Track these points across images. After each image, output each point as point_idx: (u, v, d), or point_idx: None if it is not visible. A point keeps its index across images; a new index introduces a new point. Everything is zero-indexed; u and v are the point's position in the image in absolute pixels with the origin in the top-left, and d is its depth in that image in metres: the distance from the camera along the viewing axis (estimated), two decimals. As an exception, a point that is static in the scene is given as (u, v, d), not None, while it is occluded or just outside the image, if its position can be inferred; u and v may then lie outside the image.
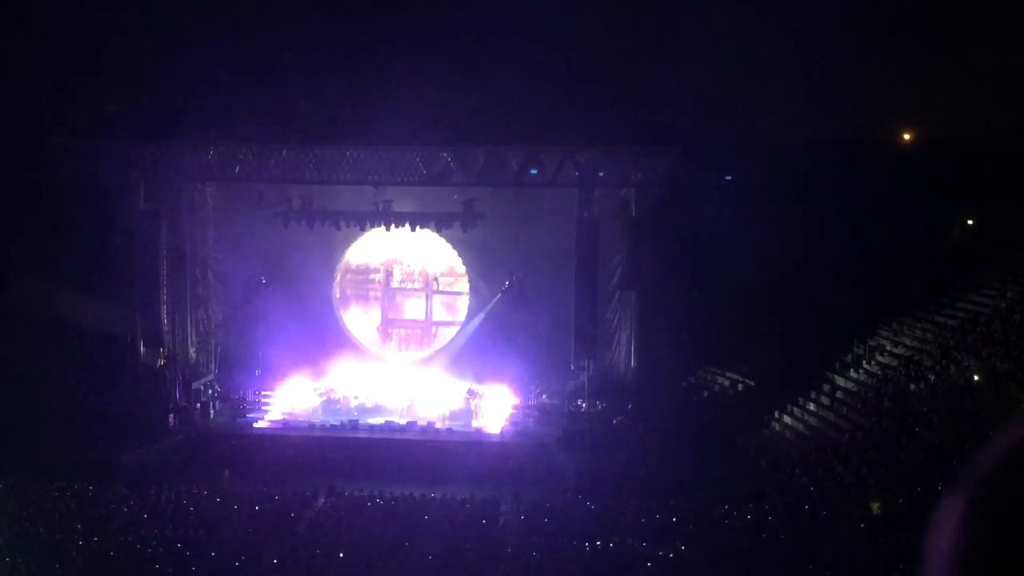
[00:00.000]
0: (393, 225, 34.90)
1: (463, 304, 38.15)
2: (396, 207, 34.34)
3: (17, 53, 32.06)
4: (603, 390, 33.88)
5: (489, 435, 32.28)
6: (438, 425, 32.85)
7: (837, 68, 32.36)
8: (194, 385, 34.46)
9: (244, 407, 34.78)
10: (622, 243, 34.01)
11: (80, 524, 22.55)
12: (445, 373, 35.80)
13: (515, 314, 35.70)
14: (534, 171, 32.75)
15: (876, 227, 32.08)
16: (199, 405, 33.94)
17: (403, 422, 32.83)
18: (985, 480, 1.52)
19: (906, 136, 34.27)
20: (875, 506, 21.31)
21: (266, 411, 34.55)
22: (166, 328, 34.71)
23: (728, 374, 34.11)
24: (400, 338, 38.89)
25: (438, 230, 35.70)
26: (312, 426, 32.82)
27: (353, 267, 38.88)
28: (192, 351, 36.01)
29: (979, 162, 31.36)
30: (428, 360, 37.50)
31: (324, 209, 34.51)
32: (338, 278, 38.37)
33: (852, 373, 30.52)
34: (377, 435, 31.99)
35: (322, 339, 36.26)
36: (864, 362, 30.58)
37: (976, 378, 24.61)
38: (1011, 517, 1.47)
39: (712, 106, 32.62)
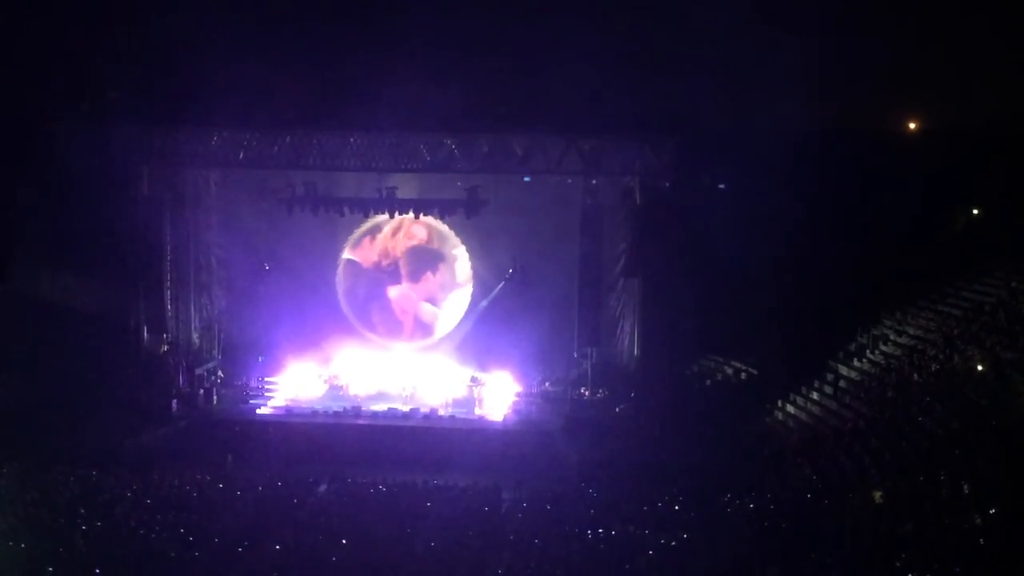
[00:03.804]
0: (397, 212, 34.91)
1: (466, 291, 38.12)
2: (400, 194, 34.30)
3: (23, 40, 32.00)
4: (606, 378, 33.91)
5: (492, 423, 32.32)
6: (441, 412, 32.92)
7: (843, 56, 32.22)
8: (197, 371, 34.55)
9: (247, 393, 34.88)
10: (626, 231, 33.98)
11: (83, 509, 22.57)
12: (448, 360, 35.88)
13: (518, 301, 35.65)
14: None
15: (881, 216, 32.00)
16: (202, 391, 34.00)
17: (406, 409, 32.89)
18: None
19: (911, 125, 34.15)
20: (877, 495, 21.27)
21: (269, 397, 34.63)
22: (170, 314, 34.82)
23: (731, 363, 34.11)
24: (403, 325, 38.85)
25: (441, 217, 35.66)
26: (315, 412, 32.89)
27: (356, 254, 38.84)
28: (195, 337, 36.09)
29: (984, 151, 31.25)
30: (431, 347, 37.54)
31: (328, 196, 34.49)
32: (341, 265, 38.36)
33: (855, 362, 30.48)
34: (380, 422, 32.05)
35: (325, 325, 36.33)
36: (867, 351, 30.53)
37: (980, 367, 24.55)
38: None
39: (717, 94, 32.47)
